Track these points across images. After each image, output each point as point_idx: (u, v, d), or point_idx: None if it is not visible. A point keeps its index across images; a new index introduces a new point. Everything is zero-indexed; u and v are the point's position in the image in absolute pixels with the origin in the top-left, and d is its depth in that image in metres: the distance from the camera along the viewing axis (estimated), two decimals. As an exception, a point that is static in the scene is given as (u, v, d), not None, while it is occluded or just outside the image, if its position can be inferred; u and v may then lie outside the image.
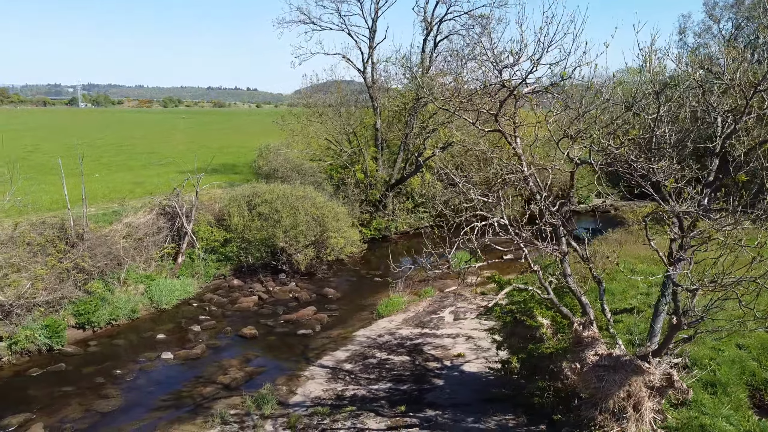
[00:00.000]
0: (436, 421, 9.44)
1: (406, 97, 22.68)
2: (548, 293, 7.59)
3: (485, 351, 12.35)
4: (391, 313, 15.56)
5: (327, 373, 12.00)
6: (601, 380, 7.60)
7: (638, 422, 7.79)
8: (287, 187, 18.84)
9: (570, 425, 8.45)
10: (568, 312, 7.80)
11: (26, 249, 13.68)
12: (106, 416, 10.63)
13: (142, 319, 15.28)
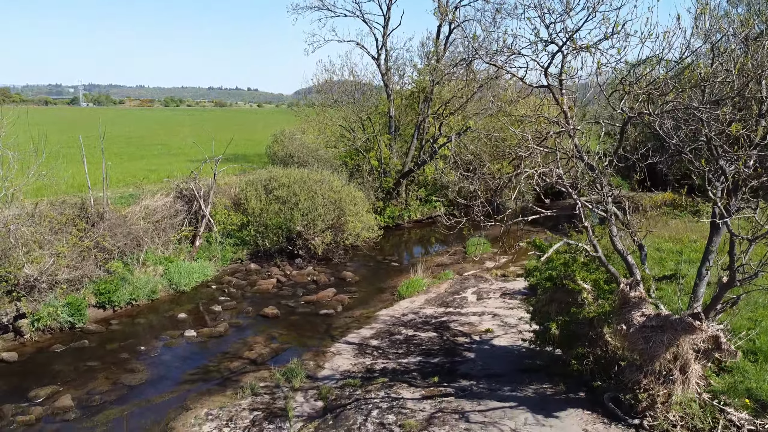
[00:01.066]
0: (471, 390, 9.31)
1: (423, 80, 22.56)
2: (596, 251, 7.47)
3: (513, 327, 12.24)
4: (412, 294, 15.45)
5: (354, 349, 11.88)
6: (647, 341, 7.48)
7: (684, 384, 7.68)
8: (304, 171, 18.75)
9: (612, 390, 8.33)
10: (615, 272, 7.68)
11: (47, 227, 13.57)
12: (134, 389, 10.51)
13: (161, 300, 15.17)
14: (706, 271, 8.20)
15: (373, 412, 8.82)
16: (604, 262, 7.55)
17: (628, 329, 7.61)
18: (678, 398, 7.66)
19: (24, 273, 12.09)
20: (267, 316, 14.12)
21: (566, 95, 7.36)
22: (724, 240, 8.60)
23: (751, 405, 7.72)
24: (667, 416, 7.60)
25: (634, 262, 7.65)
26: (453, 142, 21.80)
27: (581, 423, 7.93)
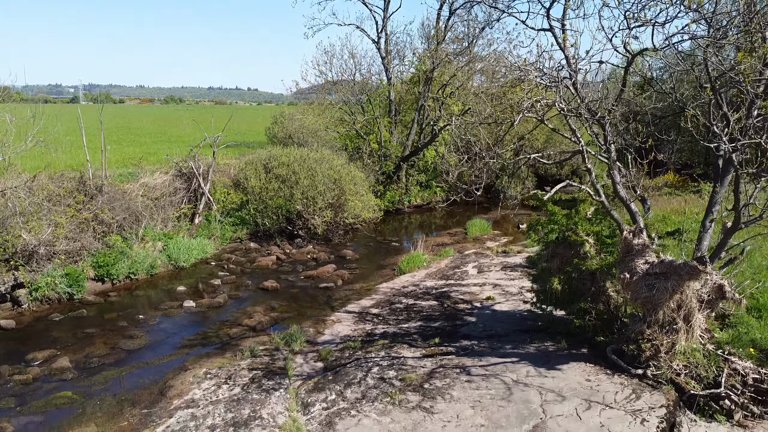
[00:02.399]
0: (472, 349, 9.23)
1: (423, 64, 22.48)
2: (599, 195, 7.39)
3: (514, 295, 12.16)
4: (412, 269, 15.36)
5: (354, 317, 11.80)
6: (651, 289, 7.40)
7: (688, 334, 7.60)
8: (304, 150, 18.66)
9: (615, 343, 8.25)
10: (618, 218, 7.60)
11: (45, 199, 13.48)
12: (132, 353, 10.43)
13: (160, 276, 15.08)
14: (710, 223, 8.12)
15: (374, 369, 8.74)
16: (607, 206, 7.47)
17: (632, 277, 7.53)
18: (682, 347, 7.58)
19: (22, 240, 12.00)
20: (266, 288, 14.04)
21: (569, 35, 7.28)
22: (728, 194, 8.54)
23: (756, 354, 7.64)
24: (671, 365, 7.52)
25: (637, 210, 7.57)
26: (453, 123, 21.73)
27: (583, 374, 7.85)
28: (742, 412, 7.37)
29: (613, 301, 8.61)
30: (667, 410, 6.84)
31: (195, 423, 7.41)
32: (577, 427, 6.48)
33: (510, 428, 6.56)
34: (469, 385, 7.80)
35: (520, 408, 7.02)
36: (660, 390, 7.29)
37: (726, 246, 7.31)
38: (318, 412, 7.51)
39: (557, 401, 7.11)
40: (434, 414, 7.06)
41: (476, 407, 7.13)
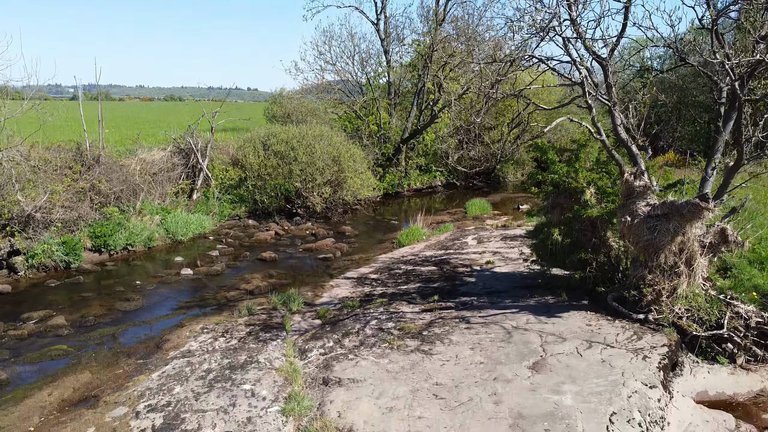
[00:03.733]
0: (472, 304, 9.13)
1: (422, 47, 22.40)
2: (600, 133, 7.29)
3: (514, 261, 12.06)
4: (412, 242, 15.27)
5: (352, 282, 11.70)
6: (653, 231, 7.31)
7: (690, 278, 7.51)
8: (303, 127, 18.57)
9: (615, 291, 8.16)
10: (619, 159, 7.50)
11: (41, 167, 13.40)
12: (129, 313, 10.34)
13: (158, 248, 14.98)
14: (712, 170, 8.03)
15: (372, 321, 8.64)
16: (608, 146, 7.38)
17: (633, 220, 7.44)
18: (683, 291, 7.49)
19: (18, 206, 11.91)
20: (264, 259, 13.95)
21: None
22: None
23: (758, 298, 7.55)
24: (673, 309, 7.43)
25: (638, 152, 7.48)
26: (453, 105, 21.64)
27: (584, 320, 7.75)
28: (744, 356, 7.28)
29: (614, 252, 8.52)
30: (669, 349, 6.75)
31: (191, 368, 7.31)
32: (577, 363, 6.39)
33: (509, 364, 6.47)
34: (468, 331, 7.70)
35: (520, 348, 6.93)
36: (661, 332, 7.20)
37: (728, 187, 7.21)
38: (315, 357, 7.42)
39: (557, 342, 7.02)
40: (433, 355, 6.97)
41: (475, 348, 7.04)
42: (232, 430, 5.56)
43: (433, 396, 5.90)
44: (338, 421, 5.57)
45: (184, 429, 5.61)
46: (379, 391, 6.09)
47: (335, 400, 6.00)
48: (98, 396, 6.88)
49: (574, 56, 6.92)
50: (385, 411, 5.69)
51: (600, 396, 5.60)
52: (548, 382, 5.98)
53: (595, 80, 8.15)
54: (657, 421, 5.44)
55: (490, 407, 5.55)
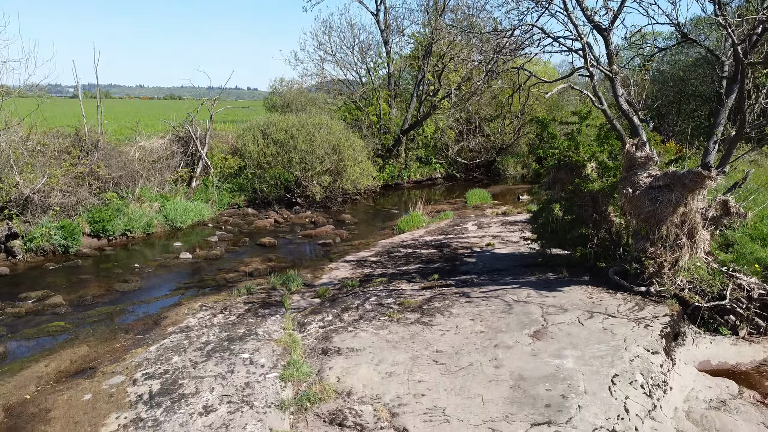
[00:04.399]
0: (472, 281, 9.07)
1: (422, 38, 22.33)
2: (602, 103, 7.23)
3: (514, 243, 12.00)
4: (411, 228, 15.21)
5: (352, 264, 11.65)
6: (654, 202, 7.25)
7: (692, 250, 7.45)
8: (303, 116, 18.51)
9: (617, 265, 8.10)
10: (621, 129, 7.44)
11: (39, 151, 13.34)
12: (127, 293, 10.29)
13: (157, 235, 14.91)
14: (714, 144, 7.97)
15: (371, 298, 8.58)
16: (608, 115, 7.32)
17: (634, 192, 7.39)
18: (685, 264, 7.43)
19: (17, 189, 11.85)
20: (264, 244, 13.89)
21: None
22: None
23: (761, 271, 7.49)
24: (675, 281, 7.37)
25: (640, 123, 7.42)
26: (453, 95, 21.58)
27: (585, 293, 7.70)
28: (747, 328, 7.23)
29: (615, 227, 8.46)
30: (671, 319, 6.69)
31: (189, 341, 7.25)
32: (579, 331, 6.33)
33: (510, 332, 6.41)
34: (469, 304, 7.65)
35: (521, 318, 6.87)
36: (663, 303, 7.14)
37: (731, 157, 7.15)
38: (314, 329, 7.36)
39: (558, 312, 6.96)
40: (433, 326, 6.91)
41: (475, 319, 6.98)
42: (230, 393, 5.50)
43: (433, 362, 5.85)
44: (337, 386, 5.51)
45: (181, 393, 5.55)
46: (379, 359, 6.04)
47: (334, 366, 5.95)
48: (95, 368, 6.82)
49: (574, 22, 6.85)
50: (384, 376, 5.63)
51: (602, 359, 5.55)
52: (549, 348, 5.93)
53: (595, 55, 8.10)
54: (659, 384, 5.38)
55: (491, 371, 5.49)
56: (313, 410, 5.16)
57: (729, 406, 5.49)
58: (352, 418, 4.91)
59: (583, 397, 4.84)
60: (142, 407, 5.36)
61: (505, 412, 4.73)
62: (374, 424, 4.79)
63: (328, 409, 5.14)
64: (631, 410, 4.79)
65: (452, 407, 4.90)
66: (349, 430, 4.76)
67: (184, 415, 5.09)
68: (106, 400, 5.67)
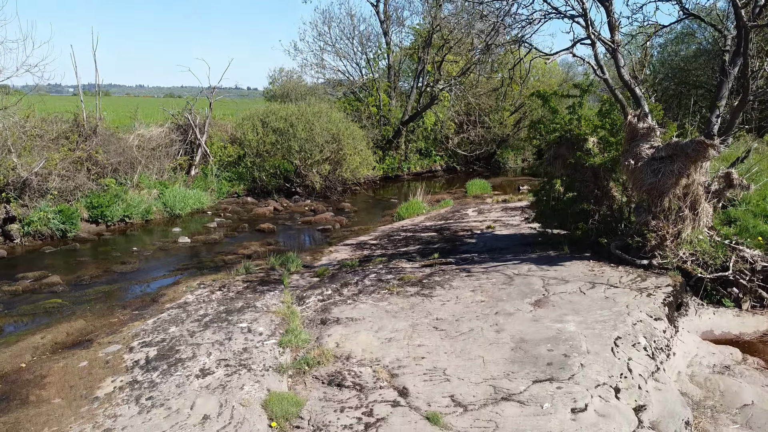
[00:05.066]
0: (472, 259, 9.00)
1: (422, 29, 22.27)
2: (603, 72, 7.16)
3: (515, 226, 11.93)
4: (411, 215, 15.13)
5: (352, 248, 11.58)
6: (656, 173, 7.18)
7: (694, 222, 7.38)
8: (302, 104, 18.44)
9: (620, 238, 8.03)
10: (623, 99, 7.37)
11: (39, 138, 13.27)
12: (125, 274, 10.21)
13: (155, 222, 14.84)
14: (716, 118, 7.89)
15: (371, 275, 8.51)
16: (611, 86, 7.25)
17: (636, 163, 7.31)
18: (688, 236, 7.36)
19: (14, 172, 11.78)
20: (263, 230, 13.82)
21: None
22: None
23: (764, 244, 7.42)
24: (677, 253, 7.30)
25: (642, 95, 7.35)
26: (453, 86, 21.50)
27: (586, 267, 7.62)
28: (750, 301, 7.16)
29: (617, 203, 8.39)
30: (673, 289, 6.62)
31: (186, 314, 7.18)
32: (580, 299, 6.26)
33: (511, 301, 6.34)
34: (469, 278, 7.58)
35: (522, 288, 6.80)
36: (666, 275, 7.07)
37: (734, 126, 7.08)
38: (313, 303, 7.29)
39: (560, 284, 6.89)
40: (433, 297, 6.84)
41: (476, 290, 6.91)
42: (227, 358, 5.43)
43: (434, 328, 5.78)
44: (336, 350, 5.44)
45: (178, 358, 5.48)
46: (378, 326, 5.97)
47: (333, 334, 5.88)
48: (92, 339, 6.74)
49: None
50: (383, 341, 5.56)
51: (604, 324, 5.48)
52: (551, 314, 5.86)
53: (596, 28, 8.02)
54: (662, 348, 5.31)
55: (492, 335, 5.42)
56: (312, 373, 5.09)
57: (733, 371, 5.42)
58: (351, 379, 4.83)
59: (585, 357, 4.77)
60: (139, 371, 5.29)
61: (507, 371, 4.66)
62: (373, 383, 4.72)
63: (326, 371, 5.06)
64: (635, 370, 4.71)
65: (453, 368, 4.83)
66: (348, 389, 4.69)
67: (180, 377, 5.02)
68: (102, 366, 5.61)
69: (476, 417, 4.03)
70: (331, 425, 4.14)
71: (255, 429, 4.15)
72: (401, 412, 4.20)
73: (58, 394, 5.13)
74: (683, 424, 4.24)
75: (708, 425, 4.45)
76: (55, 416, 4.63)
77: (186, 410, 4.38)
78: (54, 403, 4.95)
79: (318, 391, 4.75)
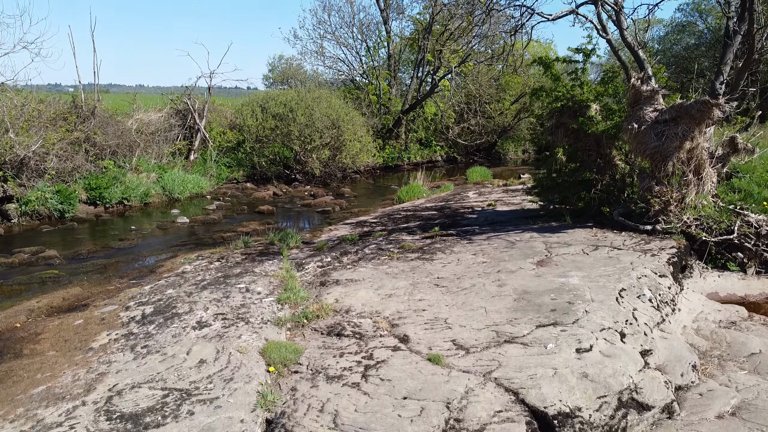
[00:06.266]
0: (473, 231, 8.89)
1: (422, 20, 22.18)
2: (606, 32, 7.06)
3: (516, 204, 11.82)
4: (412, 198, 15.02)
5: (352, 226, 11.46)
6: (660, 137, 7.08)
7: (698, 187, 7.28)
8: (302, 90, 18.33)
9: (623, 207, 7.94)
10: (626, 60, 7.27)
11: (36, 118, 13.17)
12: (123, 249, 10.13)
13: (154, 204, 14.74)
14: (721, 85, 7.80)
15: (371, 245, 8.42)
16: (614, 46, 7.15)
17: (640, 127, 7.21)
18: (692, 201, 7.27)
19: (12, 152, 11.68)
20: (262, 212, 13.73)
21: None
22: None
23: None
24: (681, 218, 7.20)
25: (645, 57, 7.25)
26: (453, 73, 21.40)
27: (589, 233, 7.52)
28: (756, 266, 7.06)
29: (620, 172, 8.30)
30: (678, 251, 6.52)
31: (184, 280, 7.08)
32: (583, 259, 6.16)
33: (513, 261, 6.25)
34: (470, 244, 7.49)
35: (524, 251, 6.70)
36: (670, 238, 6.97)
37: (740, 86, 6.99)
38: (312, 269, 7.20)
39: (562, 246, 6.80)
40: (434, 260, 6.75)
41: (478, 254, 6.82)
42: (225, 312, 5.33)
43: (435, 285, 5.68)
44: (335, 305, 5.35)
45: (175, 312, 5.39)
46: (379, 285, 5.88)
47: (332, 292, 5.79)
48: (88, 304, 6.64)
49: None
50: (384, 297, 5.47)
51: (608, 278, 5.38)
52: (554, 271, 5.76)
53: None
54: (668, 302, 5.22)
55: (494, 289, 5.33)
56: (311, 326, 5.00)
57: (739, 326, 5.32)
58: (351, 329, 4.74)
59: (590, 304, 4.67)
60: (134, 325, 5.20)
61: (510, 318, 4.56)
62: (373, 332, 4.63)
63: (326, 324, 4.97)
64: (640, 319, 4.62)
65: (454, 317, 4.73)
66: (347, 338, 4.60)
67: (177, 329, 4.93)
68: (98, 322, 5.51)
69: (479, 358, 3.93)
70: (330, 368, 4.04)
71: (252, 372, 4.06)
72: (402, 355, 4.11)
73: (52, 347, 5.03)
74: (690, 367, 4.15)
75: (715, 371, 4.36)
76: (49, 364, 4.54)
77: (182, 355, 4.29)
78: (48, 354, 4.85)
79: (317, 341, 4.66)
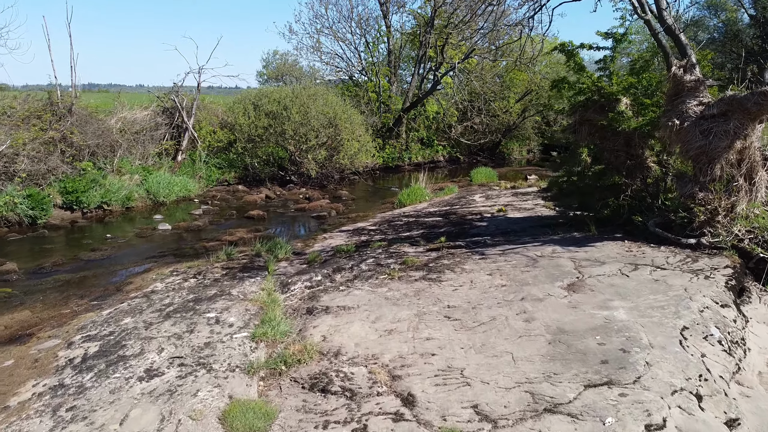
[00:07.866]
0: (485, 242, 7.85)
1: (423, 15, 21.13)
2: (645, 12, 6.01)
3: (528, 210, 10.78)
4: (413, 202, 13.97)
5: (348, 234, 10.42)
6: (707, 135, 6.02)
7: (751, 194, 6.22)
8: (297, 86, 17.28)
9: (658, 216, 6.88)
10: (666, 45, 6.22)
11: (6, 117, 12.14)
12: (92, 262, 9.07)
13: (137, 209, 13.67)
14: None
15: (369, 260, 7.37)
16: (653, 27, 6.10)
17: (682, 123, 6.16)
18: (744, 211, 6.21)
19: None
20: (252, 217, 12.67)
21: None
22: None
23: (835, 219, 6.26)
24: (731, 230, 6.14)
25: (688, 42, 6.20)
26: (456, 69, 20.35)
27: (622, 248, 6.47)
28: (820, 287, 5.98)
29: (653, 175, 7.24)
30: (733, 270, 5.47)
31: (148, 303, 6.05)
32: (624, 282, 5.11)
33: (538, 285, 5.20)
34: (484, 260, 6.43)
35: (550, 271, 5.65)
36: (720, 255, 5.92)
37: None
38: (299, 290, 6.15)
39: (594, 265, 5.74)
40: (443, 282, 5.70)
41: (494, 274, 5.76)
42: (183, 354, 4.29)
43: (445, 318, 4.64)
44: (322, 345, 4.30)
45: (121, 355, 4.34)
46: (376, 316, 4.83)
47: (320, 325, 4.74)
48: (33, 333, 5.61)
49: None
50: (383, 334, 4.42)
51: (663, 310, 4.33)
52: (591, 300, 4.71)
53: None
54: (738, 342, 4.17)
55: (520, 325, 4.28)
56: (290, 374, 3.95)
57: (825, 370, 4.26)
58: (340, 382, 3.69)
59: (650, 352, 3.63)
60: (69, 372, 4.15)
61: (546, 371, 3.51)
62: (368, 388, 3.58)
63: (308, 372, 3.92)
64: (713, 371, 3.57)
65: (473, 367, 3.68)
66: (335, 397, 3.55)
67: (119, 380, 3.88)
68: (29, 365, 4.47)
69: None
70: (310, 446, 3.00)
71: (205, 452, 3.02)
72: (406, 429, 3.06)
73: (-36, 401, 3.99)
74: (793, 444, 3.10)
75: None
76: (-55, 432, 3.49)
77: (113, 426, 3.24)
78: (-46, 413, 3.81)
79: (296, 399, 3.62)
